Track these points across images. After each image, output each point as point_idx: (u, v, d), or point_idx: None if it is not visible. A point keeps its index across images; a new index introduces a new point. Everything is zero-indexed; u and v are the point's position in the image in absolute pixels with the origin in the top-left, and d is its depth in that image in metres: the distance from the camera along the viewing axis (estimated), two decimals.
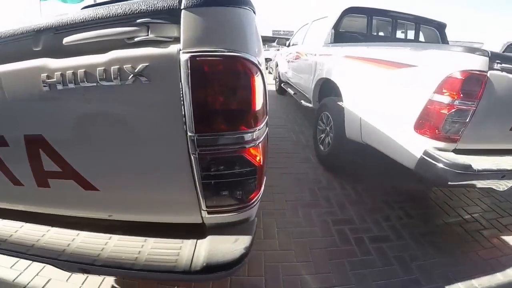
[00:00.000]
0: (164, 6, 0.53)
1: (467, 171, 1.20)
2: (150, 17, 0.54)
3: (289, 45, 4.52)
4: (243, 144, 0.59)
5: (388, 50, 1.73)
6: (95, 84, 0.57)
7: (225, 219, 0.68)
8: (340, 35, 2.84)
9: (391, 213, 1.72)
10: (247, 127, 0.58)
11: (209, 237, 0.67)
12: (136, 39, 0.54)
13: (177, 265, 0.60)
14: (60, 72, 0.58)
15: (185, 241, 0.67)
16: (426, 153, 1.31)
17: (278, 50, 6.12)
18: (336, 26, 2.83)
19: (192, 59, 0.52)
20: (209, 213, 0.66)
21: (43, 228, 0.77)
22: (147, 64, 0.54)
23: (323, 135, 2.44)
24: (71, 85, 0.58)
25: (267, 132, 0.66)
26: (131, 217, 0.74)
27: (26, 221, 0.80)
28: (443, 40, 3.14)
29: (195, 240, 0.67)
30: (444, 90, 1.23)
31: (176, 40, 0.54)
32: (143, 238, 0.69)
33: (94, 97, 0.59)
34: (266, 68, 11.46)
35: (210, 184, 0.62)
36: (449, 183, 1.25)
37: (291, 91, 3.99)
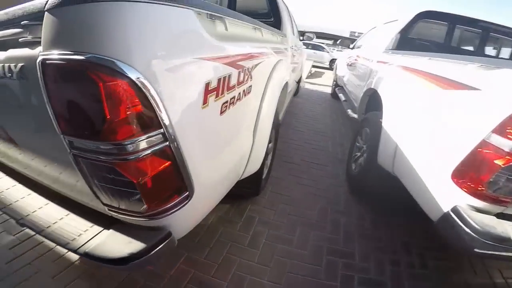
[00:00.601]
0: (35, 9, 0.56)
1: (505, 245, 0.90)
2: (30, 19, 0.58)
3: (353, 48, 4.15)
4: (111, 155, 0.57)
5: (449, 64, 1.35)
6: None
7: (129, 220, 0.70)
8: (407, 42, 2.43)
9: (404, 257, 1.44)
10: (108, 139, 0.56)
11: (111, 231, 0.71)
12: (20, 40, 0.61)
13: (71, 243, 0.67)
14: None
15: (95, 226, 0.74)
16: (455, 210, 0.99)
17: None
18: (405, 31, 2.42)
19: (43, 61, 0.53)
20: (108, 209, 0.69)
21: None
22: (23, 64, 0.62)
23: (358, 154, 2.16)
24: None
25: (169, 146, 0.63)
26: (62, 192, 0.84)
27: None
28: None
29: (101, 228, 0.72)
30: (508, 130, 0.87)
31: None
32: (67, 212, 0.79)
33: (3, 88, 0.72)
34: (332, 69, 10.85)
35: (94, 184, 0.64)
36: (476, 250, 0.96)
37: (342, 97, 3.67)
